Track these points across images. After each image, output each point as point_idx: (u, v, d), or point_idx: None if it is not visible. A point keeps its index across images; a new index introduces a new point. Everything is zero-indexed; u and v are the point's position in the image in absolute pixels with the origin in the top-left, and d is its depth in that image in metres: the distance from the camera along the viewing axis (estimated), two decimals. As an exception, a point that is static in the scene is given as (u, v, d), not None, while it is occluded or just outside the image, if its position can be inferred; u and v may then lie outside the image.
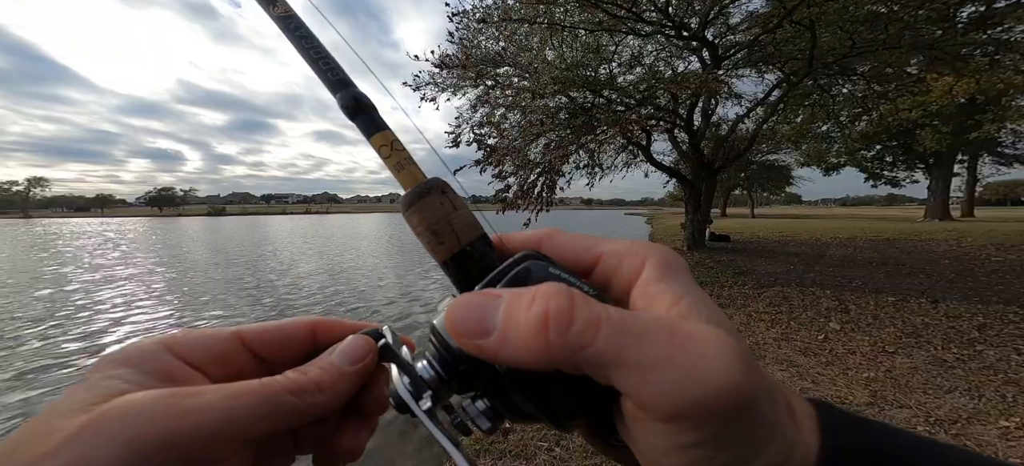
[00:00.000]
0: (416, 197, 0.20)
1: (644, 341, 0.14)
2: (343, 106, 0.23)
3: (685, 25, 6.20)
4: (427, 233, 0.20)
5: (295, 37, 0.25)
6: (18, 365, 3.45)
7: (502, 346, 0.15)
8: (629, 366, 0.14)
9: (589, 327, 0.14)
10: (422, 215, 0.20)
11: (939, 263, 6.37)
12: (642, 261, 0.18)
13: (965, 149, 19.33)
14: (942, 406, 2.14)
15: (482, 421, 0.18)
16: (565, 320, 0.14)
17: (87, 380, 0.16)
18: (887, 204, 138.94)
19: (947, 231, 11.50)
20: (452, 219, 0.20)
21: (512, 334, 0.15)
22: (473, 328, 0.15)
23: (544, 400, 0.16)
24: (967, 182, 23.38)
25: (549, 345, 0.14)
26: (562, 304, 0.14)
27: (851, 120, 9.79)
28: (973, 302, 4.02)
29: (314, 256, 11.57)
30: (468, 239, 0.20)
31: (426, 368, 0.18)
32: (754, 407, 0.14)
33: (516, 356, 0.15)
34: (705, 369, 0.13)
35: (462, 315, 0.15)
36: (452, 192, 0.21)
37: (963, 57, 6.39)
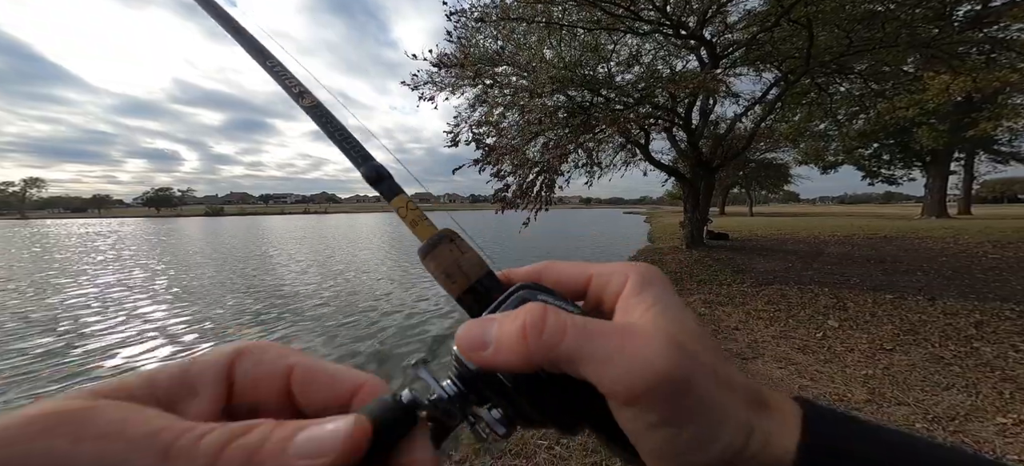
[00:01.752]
0: (430, 247, 0.24)
1: (600, 339, 0.18)
2: (366, 177, 0.27)
3: (683, 24, 6.21)
4: (441, 276, 0.24)
5: (322, 123, 0.28)
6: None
7: (496, 354, 0.18)
8: (590, 360, 0.17)
9: (556, 331, 0.18)
10: (437, 262, 0.24)
11: (936, 260, 6.40)
12: (624, 278, 0.21)
13: (962, 147, 19.41)
14: (940, 403, 2.15)
15: (498, 427, 0.20)
16: (538, 327, 0.18)
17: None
18: (884, 202, 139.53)
19: (944, 229, 11.56)
20: (460, 262, 0.24)
21: (502, 344, 0.18)
22: (475, 344, 0.19)
23: (547, 405, 0.20)
24: (964, 180, 23.49)
25: (528, 348, 0.18)
26: (536, 316, 0.18)
27: (849, 118, 9.82)
28: (970, 299, 4.04)
29: (337, 251, 11.54)
30: (475, 277, 0.24)
31: (450, 385, 0.20)
32: (692, 388, 0.17)
33: (507, 360, 0.18)
34: (643, 357, 0.17)
35: (467, 336, 0.19)
36: (459, 239, 0.25)
37: (959, 55, 6.41)
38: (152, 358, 3.84)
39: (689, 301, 4.48)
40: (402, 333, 4.37)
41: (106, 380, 0.16)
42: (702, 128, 8.67)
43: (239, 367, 0.18)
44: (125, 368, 3.57)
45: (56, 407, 0.13)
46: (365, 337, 4.27)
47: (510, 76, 6.40)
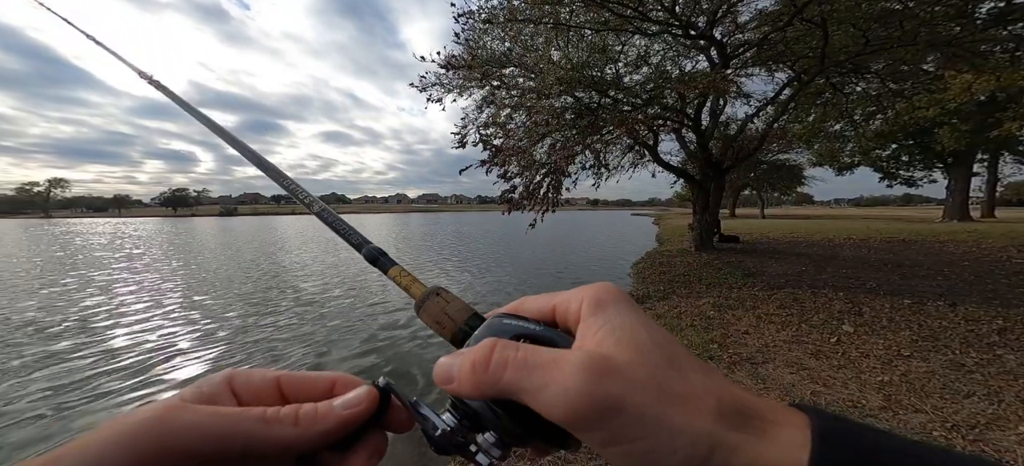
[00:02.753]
0: (422, 302, 0.29)
1: (535, 373, 0.19)
2: (367, 258, 0.33)
3: (692, 24, 6.14)
4: (433, 324, 0.28)
5: (329, 222, 0.34)
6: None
7: (459, 387, 0.22)
8: (528, 392, 0.19)
9: (498, 367, 0.20)
10: (428, 314, 0.28)
11: (958, 265, 6.19)
12: (580, 302, 0.23)
13: (985, 148, 18.70)
14: (959, 411, 2.07)
15: (494, 450, 0.23)
16: (483, 364, 0.21)
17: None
18: (903, 204, 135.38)
19: (966, 232, 11.17)
20: (447, 310, 0.28)
21: (460, 378, 0.21)
22: (444, 378, 0.22)
23: (528, 424, 0.21)
24: (987, 182, 22.64)
25: (477, 381, 0.21)
26: (482, 355, 0.21)
27: (865, 119, 9.57)
28: (993, 305, 3.90)
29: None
30: (461, 320, 0.27)
31: (450, 416, 0.24)
32: (622, 408, 0.17)
33: (465, 391, 0.21)
34: (563, 385, 0.18)
35: (438, 371, 0.23)
36: (446, 291, 0.29)
37: (982, 53, 6.20)
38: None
39: (698, 305, 4.42)
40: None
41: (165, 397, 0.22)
42: (712, 129, 8.55)
43: (236, 384, 0.24)
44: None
45: (169, 402, 0.21)
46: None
47: (517, 77, 6.42)
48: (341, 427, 0.23)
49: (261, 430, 0.21)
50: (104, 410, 2.85)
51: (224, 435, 0.20)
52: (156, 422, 0.19)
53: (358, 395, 0.24)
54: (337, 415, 0.23)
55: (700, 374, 0.19)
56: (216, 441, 0.20)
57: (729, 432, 0.17)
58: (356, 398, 0.24)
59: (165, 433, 0.19)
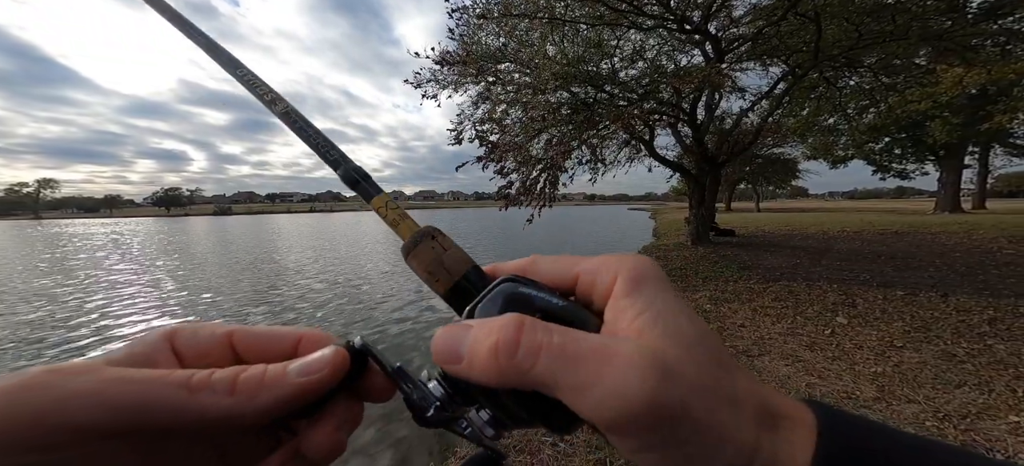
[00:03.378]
0: (412, 246, 0.24)
1: (577, 365, 0.16)
2: (344, 178, 0.27)
3: (687, 18, 6.13)
4: (424, 274, 0.23)
5: (296, 127, 0.28)
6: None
7: (470, 370, 0.18)
8: (565, 388, 0.16)
9: (529, 354, 0.16)
10: (418, 260, 0.23)
11: (949, 256, 6.27)
12: (614, 277, 0.20)
13: (976, 140, 18.93)
14: (951, 401, 2.11)
15: (487, 429, 0.20)
16: (511, 348, 0.17)
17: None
18: (896, 197, 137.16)
19: (958, 223, 11.32)
20: (443, 259, 0.23)
21: (475, 360, 0.17)
22: (449, 356, 0.18)
23: (535, 408, 0.19)
24: (978, 173, 22.96)
25: (500, 369, 0.17)
26: (509, 334, 0.17)
27: (858, 112, 9.64)
28: (984, 295, 3.95)
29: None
30: (459, 274, 0.23)
31: (437, 386, 0.21)
32: (682, 414, 0.15)
33: (480, 378, 0.17)
34: (623, 386, 0.15)
35: (442, 345, 0.18)
36: (442, 236, 0.24)
37: (973, 47, 6.25)
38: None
39: (695, 298, 4.45)
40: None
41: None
42: (707, 123, 8.57)
43: (178, 342, 0.20)
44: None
45: (84, 362, 0.16)
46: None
47: (513, 73, 6.38)
48: (296, 397, 0.18)
49: (182, 400, 0.16)
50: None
51: (132, 406, 0.16)
52: (32, 389, 0.15)
53: (321, 359, 0.19)
54: (291, 384, 0.18)
55: (742, 375, 0.18)
56: (122, 413, 0.15)
57: (766, 435, 0.16)
58: (318, 362, 0.19)
59: (44, 403, 0.14)
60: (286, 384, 0.18)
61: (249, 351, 0.21)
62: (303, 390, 0.19)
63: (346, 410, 0.21)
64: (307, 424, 0.20)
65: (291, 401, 0.18)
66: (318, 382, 0.19)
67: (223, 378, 0.18)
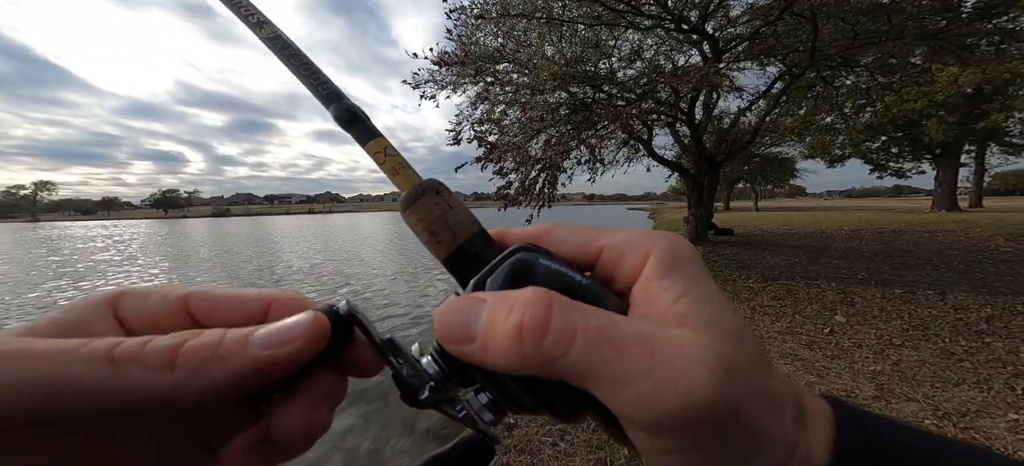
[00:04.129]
0: (412, 199, 0.21)
1: (620, 354, 0.14)
2: (337, 117, 0.24)
3: (685, 18, 6.15)
4: (425, 233, 0.21)
5: (284, 56, 0.25)
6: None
7: (484, 353, 0.15)
8: (603, 380, 0.14)
9: (563, 338, 0.14)
10: (419, 216, 0.21)
11: (947, 254, 6.30)
12: (645, 255, 0.17)
13: (972, 139, 19.04)
14: (950, 399, 2.11)
15: (485, 413, 0.18)
16: (540, 331, 0.14)
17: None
18: (893, 195, 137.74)
19: (955, 222, 11.37)
20: (448, 218, 0.20)
21: (492, 342, 0.15)
22: (457, 335, 0.16)
23: (542, 395, 0.17)
24: (975, 172, 23.08)
25: (524, 355, 0.14)
26: (538, 314, 0.14)
27: (855, 111, 9.69)
28: (981, 293, 3.97)
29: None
30: (465, 236, 0.20)
31: (431, 363, 0.18)
32: (738, 418, 0.14)
33: (496, 363, 0.15)
34: (680, 383, 0.13)
35: (449, 323, 0.16)
36: (447, 191, 0.21)
37: (968, 46, 6.29)
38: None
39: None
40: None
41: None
42: (705, 123, 8.59)
43: (124, 307, 0.17)
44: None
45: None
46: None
47: (511, 73, 6.38)
48: (259, 372, 0.15)
49: (99, 377, 0.13)
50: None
51: (31, 386, 0.12)
52: None
53: (293, 327, 0.16)
54: (253, 357, 0.15)
55: (776, 370, 0.16)
56: (17, 397, 0.12)
57: (801, 435, 0.15)
58: (290, 331, 0.16)
59: None
60: (246, 357, 0.15)
61: (209, 317, 0.18)
62: (268, 364, 0.15)
63: (325, 386, 0.17)
64: (277, 400, 0.17)
65: (253, 377, 0.15)
66: (288, 355, 0.15)
67: (160, 348, 0.14)
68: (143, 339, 0.14)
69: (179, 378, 0.14)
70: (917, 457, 0.15)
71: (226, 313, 0.18)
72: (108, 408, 0.13)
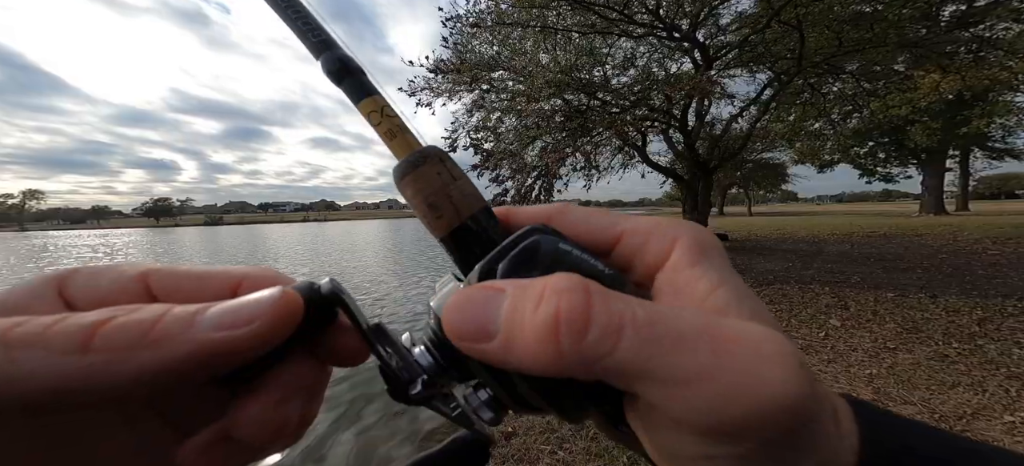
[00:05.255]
0: (410, 166, 0.18)
1: (679, 350, 0.12)
2: (328, 71, 0.20)
3: (676, 26, 6.26)
4: (423, 206, 0.18)
5: (276, 5, 0.22)
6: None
7: (507, 353, 0.13)
8: (659, 380, 0.12)
9: (609, 333, 0.12)
10: (417, 186, 0.18)
11: (936, 258, 6.40)
12: (672, 242, 0.16)
13: (956, 144, 19.54)
14: (946, 402, 2.12)
15: (484, 412, 0.16)
16: (580, 325, 0.12)
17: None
18: (883, 200, 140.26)
19: (942, 225, 11.59)
20: (450, 190, 0.18)
21: (518, 339, 0.12)
22: (473, 332, 0.13)
23: (553, 394, 0.15)
24: (960, 176, 23.63)
25: (561, 354, 0.12)
26: (576, 304, 0.12)
27: (842, 117, 9.90)
28: (972, 296, 4.02)
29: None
30: (469, 212, 0.18)
31: (424, 354, 0.16)
32: (810, 418, 0.12)
33: (522, 364, 0.13)
34: (759, 384, 0.11)
35: (459, 317, 0.13)
36: (451, 161, 0.19)
37: (948, 54, 6.48)
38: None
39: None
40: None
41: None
42: (698, 129, 8.70)
43: (71, 287, 0.14)
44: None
45: None
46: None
47: (507, 81, 6.44)
48: (208, 358, 0.12)
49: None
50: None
51: None
52: None
53: (255, 304, 0.13)
54: (199, 340, 0.12)
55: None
56: None
57: (838, 431, 0.14)
58: (250, 309, 0.13)
59: None
60: (188, 340, 0.12)
61: (171, 296, 0.15)
62: (221, 348, 0.12)
63: (299, 376, 0.15)
64: (241, 392, 0.14)
65: (200, 364, 0.12)
66: (247, 338, 0.13)
67: (71, 328, 0.11)
68: (53, 317, 0.12)
69: (95, 364, 0.11)
70: (946, 457, 0.14)
71: (189, 291, 0.15)
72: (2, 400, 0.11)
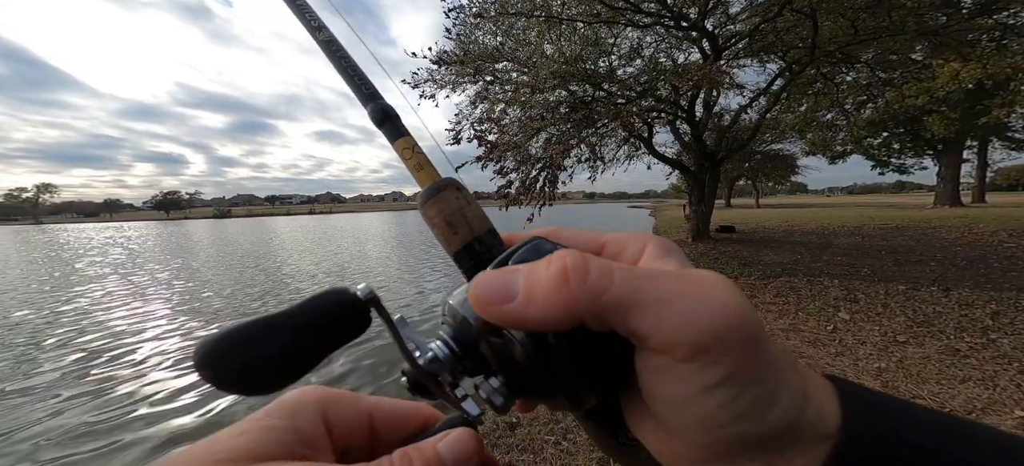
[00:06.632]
0: (434, 192, 0.23)
1: (655, 280, 0.15)
2: (373, 116, 0.27)
3: (684, 15, 6.13)
4: (443, 224, 0.22)
5: (335, 58, 0.29)
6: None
7: (527, 307, 0.16)
8: (645, 304, 0.15)
9: (604, 274, 0.15)
10: (439, 208, 0.22)
11: (950, 250, 6.27)
12: (643, 245, 0.20)
13: (974, 134, 18.96)
14: (956, 396, 2.09)
15: (496, 398, 0.19)
16: (582, 271, 0.15)
17: (249, 422, 0.17)
18: (896, 191, 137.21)
19: (957, 217, 11.33)
20: (466, 212, 0.22)
21: (536, 292, 0.16)
22: (498, 296, 0.16)
23: (560, 372, 0.17)
24: (977, 167, 22.99)
25: (571, 295, 0.15)
26: (578, 259, 0.16)
27: (856, 108, 9.64)
28: (986, 289, 3.94)
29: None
30: (480, 231, 0.22)
31: (441, 348, 0.19)
32: (762, 337, 0.15)
33: (542, 314, 0.16)
34: (713, 298, 0.15)
35: (487, 285, 0.17)
36: (466, 189, 0.24)
37: (969, 42, 6.25)
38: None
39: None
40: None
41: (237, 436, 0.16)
42: (706, 120, 8.57)
43: (330, 416, 0.19)
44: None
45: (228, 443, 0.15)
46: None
47: (510, 72, 6.37)
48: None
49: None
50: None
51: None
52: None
53: (468, 443, 0.18)
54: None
55: None
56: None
57: (808, 383, 0.16)
58: (469, 447, 0.18)
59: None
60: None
61: (386, 429, 0.21)
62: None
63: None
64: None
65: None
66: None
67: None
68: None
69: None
70: (931, 438, 0.15)
71: (398, 424, 0.21)
72: None
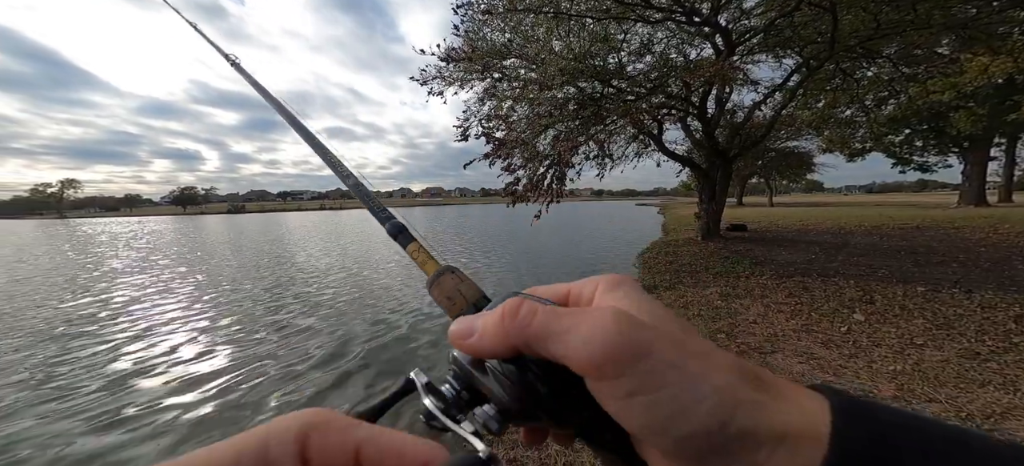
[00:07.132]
0: (437, 276, 0.31)
1: (564, 317, 0.20)
2: (390, 231, 0.38)
3: (696, 11, 6.01)
4: (444, 300, 0.29)
5: (362, 195, 0.40)
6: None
7: (481, 340, 0.22)
8: (557, 333, 0.20)
9: (528, 314, 0.21)
10: (441, 289, 0.30)
11: (973, 251, 6.04)
12: (596, 286, 0.24)
13: (1002, 131, 18.14)
14: (974, 400, 2.03)
15: (492, 423, 0.22)
16: (512, 312, 0.21)
17: (227, 444, 0.16)
18: (917, 190, 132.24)
19: (982, 218, 10.90)
20: (460, 287, 0.30)
21: (485, 330, 0.22)
22: (463, 333, 0.23)
23: (528, 391, 0.21)
24: (1005, 166, 22.02)
25: (506, 330, 0.21)
26: (513, 304, 0.21)
27: (877, 104, 9.34)
28: (1010, 292, 3.80)
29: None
30: (473, 299, 0.29)
31: (450, 389, 0.24)
32: (651, 351, 0.18)
33: (490, 344, 0.22)
34: (601, 325, 0.19)
35: (457, 328, 0.23)
36: (460, 271, 0.31)
37: (1000, 35, 5.98)
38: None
39: (705, 294, 4.38)
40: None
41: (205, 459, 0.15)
42: (718, 117, 8.41)
43: (311, 448, 0.17)
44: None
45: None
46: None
47: (519, 69, 6.35)
48: None
49: None
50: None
51: None
52: None
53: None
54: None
55: (717, 349, 0.20)
56: None
57: (752, 391, 0.18)
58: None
59: None
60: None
61: (376, 464, 0.19)
62: None
63: None
64: None
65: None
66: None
67: None
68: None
69: None
70: (922, 448, 0.15)
71: (392, 460, 0.18)
72: None
